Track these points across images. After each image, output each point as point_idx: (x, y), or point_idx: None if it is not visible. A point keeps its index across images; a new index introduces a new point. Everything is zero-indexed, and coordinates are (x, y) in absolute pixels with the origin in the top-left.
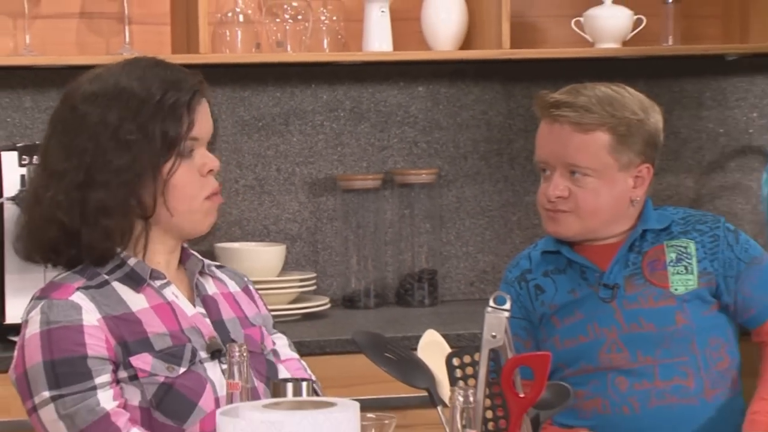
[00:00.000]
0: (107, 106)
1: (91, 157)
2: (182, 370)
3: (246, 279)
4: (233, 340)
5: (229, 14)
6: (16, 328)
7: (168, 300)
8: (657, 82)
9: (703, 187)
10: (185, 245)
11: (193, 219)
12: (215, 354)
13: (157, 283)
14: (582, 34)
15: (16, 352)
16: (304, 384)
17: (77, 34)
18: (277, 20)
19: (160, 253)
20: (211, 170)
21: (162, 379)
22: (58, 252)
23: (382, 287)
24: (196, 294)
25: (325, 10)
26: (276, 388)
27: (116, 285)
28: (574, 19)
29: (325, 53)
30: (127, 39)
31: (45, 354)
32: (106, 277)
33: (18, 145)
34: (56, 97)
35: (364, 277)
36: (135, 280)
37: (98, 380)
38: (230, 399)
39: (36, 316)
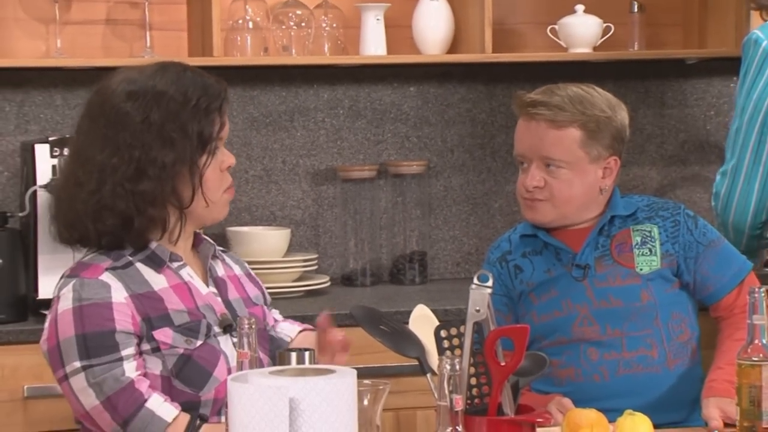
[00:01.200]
0: (149, 106)
1: (138, 152)
2: (199, 342)
3: (246, 265)
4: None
5: (240, 21)
6: (48, 303)
7: (185, 280)
8: (624, 83)
9: (665, 178)
10: (198, 230)
11: (215, 209)
12: (227, 329)
13: (175, 264)
14: (557, 40)
15: (47, 326)
16: (307, 353)
17: (103, 38)
18: (283, 27)
19: (182, 239)
20: (229, 166)
21: (181, 351)
22: (107, 236)
23: (377, 267)
24: (209, 275)
25: (326, 18)
26: (281, 357)
27: (139, 266)
28: (550, 27)
29: (326, 56)
30: (148, 43)
31: (77, 328)
32: (130, 258)
33: (50, 138)
34: (84, 96)
35: (361, 257)
36: (156, 262)
37: (124, 352)
38: (240, 367)
39: (68, 294)
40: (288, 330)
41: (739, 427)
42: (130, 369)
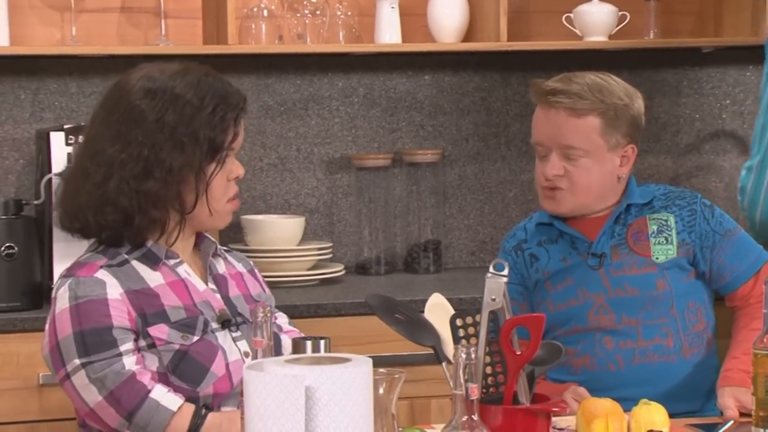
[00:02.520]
0: (164, 107)
1: (148, 151)
2: (195, 338)
3: (251, 263)
4: (240, 314)
5: (255, 9)
6: None
7: (182, 277)
8: (639, 72)
9: (680, 167)
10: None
11: (217, 218)
12: (225, 324)
13: (171, 262)
14: (572, 28)
15: (47, 328)
16: (323, 342)
17: (118, 26)
18: (298, 15)
19: (180, 240)
20: (237, 177)
21: (177, 347)
22: (107, 230)
23: (391, 256)
24: (209, 273)
25: (340, 6)
26: (296, 345)
27: (135, 263)
28: (565, 15)
29: (341, 45)
30: (163, 31)
31: (75, 326)
32: (126, 256)
33: (65, 126)
34: (99, 84)
35: (375, 246)
36: (151, 260)
37: (123, 348)
38: (255, 355)
39: (65, 293)
40: (284, 341)
41: (754, 416)
42: (130, 363)
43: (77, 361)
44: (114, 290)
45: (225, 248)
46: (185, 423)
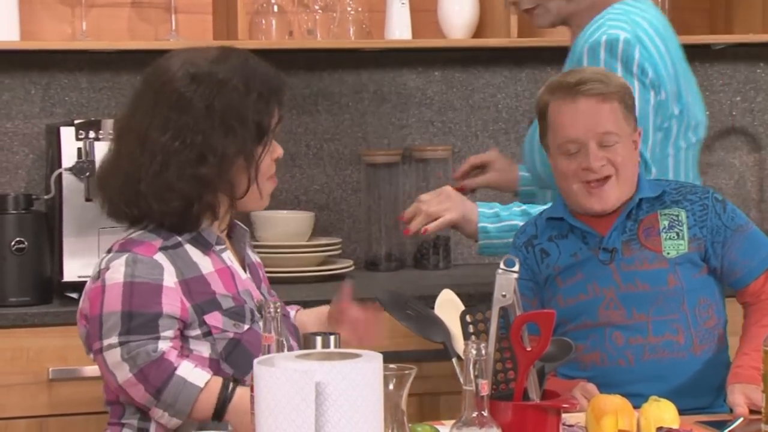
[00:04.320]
0: (211, 93)
1: (200, 138)
2: (246, 327)
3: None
4: None
5: (265, 5)
6: (73, 286)
7: (227, 265)
8: None
9: None
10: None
11: (265, 199)
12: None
13: (218, 248)
14: None
15: (91, 293)
16: (332, 337)
17: (128, 21)
18: (308, 11)
19: (224, 223)
20: (278, 157)
21: (231, 335)
22: (171, 217)
23: (400, 252)
24: (245, 261)
25: (351, 2)
26: (306, 340)
27: (188, 247)
28: None
29: (351, 41)
30: (174, 26)
31: (125, 304)
32: (179, 239)
33: (76, 121)
34: (110, 79)
35: (385, 242)
36: (203, 245)
37: (162, 334)
38: (266, 350)
39: (120, 267)
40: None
41: (764, 413)
42: (164, 346)
43: (115, 339)
44: (170, 278)
45: None
46: (213, 398)
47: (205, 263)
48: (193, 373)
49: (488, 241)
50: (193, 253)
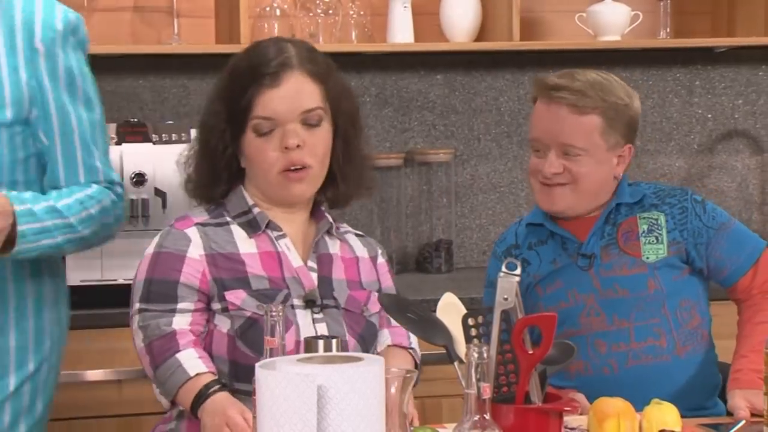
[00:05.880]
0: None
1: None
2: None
3: (379, 251)
4: (334, 297)
5: (267, 9)
6: (76, 291)
7: (278, 250)
8: (652, 71)
9: (692, 167)
10: (323, 207)
11: (278, 188)
12: (309, 303)
13: (274, 233)
14: (585, 28)
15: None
16: (334, 341)
17: (131, 25)
18: (310, 14)
19: (281, 212)
20: (286, 147)
21: (249, 314)
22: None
23: (403, 255)
24: (313, 250)
25: (353, 6)
26: (308, 344)
27: (234, 227)
28: (578, 14)
29: (353, 44)
30: (176, 30)
31: (149, 271)
32: (229, 219)
33: None
34: (112, 83)
35: (387, 246)
36: (253, 227)
37: (180, 305)
38: (269, 354)
39: (155, 240)
40: (383, 336)
41: (766, 416)
42: (179, 322)
43: (137, 305)
44: (195, 250)
45: (357, 233)
46: (194, 392)
47: (247, 244)
48: (191, 360)
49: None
50: (238, 234)
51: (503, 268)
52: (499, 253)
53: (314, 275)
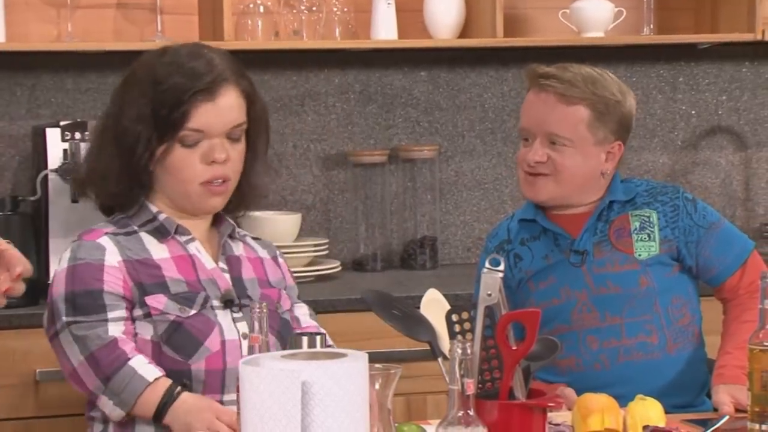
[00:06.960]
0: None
1: (115, 123)
2: (193, 312)
3: (277, 252)
4: (249, 296)
5: (251, 5)
6: None
7: (190, 253)
8: (636, 67)
9: (676, 163)
10: (221, 212)
11: (195, 200)
12: (227, 303)
13: (183, 238)
14: (569, 24)
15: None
16: (318, 337)
17: (114, 22)
18: (294, 11)
19: (191, 219)
20: (212, 161)
21: (172, 318)
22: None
23: (387, 252)
24: (221, 252)
25: (337, 2)
26: (293, 341)
27: (143, 235)
28: (562, 11)
29: (337, 41)
30: (159, 27)
31: (68, 285)
32: (136, 228)
33: (61, 123)
34: (95, 80)
35: (372, 242)
36: (161, 233)
37: (111, 315)
38: (251, 351)
39: (66, 255)
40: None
41: (750, 412)
42: (115, 330)
43: (65, 319)
44: (112, 257)
45: (253, 236)
46: (156, 397)
47: (159, 250)
48: (145, 367)
49: None
50: (148, 240)
51: (486, 264)
52: (490, 249)
53: (227, 276)
